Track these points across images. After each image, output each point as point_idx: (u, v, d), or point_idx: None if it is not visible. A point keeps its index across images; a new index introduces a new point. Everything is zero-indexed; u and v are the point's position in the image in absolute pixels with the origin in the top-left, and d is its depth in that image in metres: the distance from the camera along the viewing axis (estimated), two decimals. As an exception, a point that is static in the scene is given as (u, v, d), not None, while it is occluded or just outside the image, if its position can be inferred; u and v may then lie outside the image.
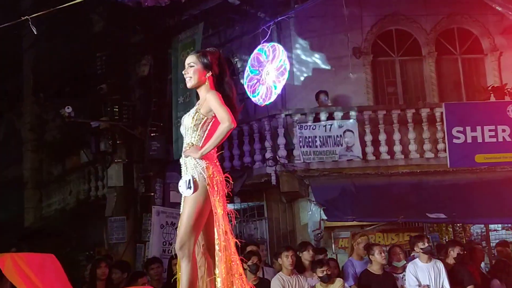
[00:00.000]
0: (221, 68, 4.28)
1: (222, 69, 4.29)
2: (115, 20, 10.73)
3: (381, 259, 7.19)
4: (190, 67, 4.24)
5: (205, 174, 4.08)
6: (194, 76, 4.22)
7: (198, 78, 4.22)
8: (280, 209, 10.82)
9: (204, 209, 4.07)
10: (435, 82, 11.73)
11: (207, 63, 4.21)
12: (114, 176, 10.60)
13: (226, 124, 4.01)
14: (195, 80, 4.23)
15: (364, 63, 11.60)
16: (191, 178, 4.05)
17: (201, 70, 4.21)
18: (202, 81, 4.23)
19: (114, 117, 10.45)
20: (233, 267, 4.10)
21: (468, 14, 11.76)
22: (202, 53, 4.26)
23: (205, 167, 4.09)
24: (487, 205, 9.50)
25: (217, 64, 4.26)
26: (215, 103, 4.07)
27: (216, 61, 4.26)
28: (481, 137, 10.09)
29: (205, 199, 4.06)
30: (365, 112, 10.57)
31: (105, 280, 7.29)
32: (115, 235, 10.45)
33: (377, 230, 10.23)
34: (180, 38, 10.26)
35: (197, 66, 4.21)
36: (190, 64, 4.23)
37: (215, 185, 4.10)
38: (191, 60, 4.24)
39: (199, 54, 4.25)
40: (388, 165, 10.39)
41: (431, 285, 7.13)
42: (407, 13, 11.73)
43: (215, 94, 4.11)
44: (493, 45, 11.74)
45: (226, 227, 4.11)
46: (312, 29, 11.52)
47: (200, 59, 4.22)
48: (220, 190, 4.12)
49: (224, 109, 4.05)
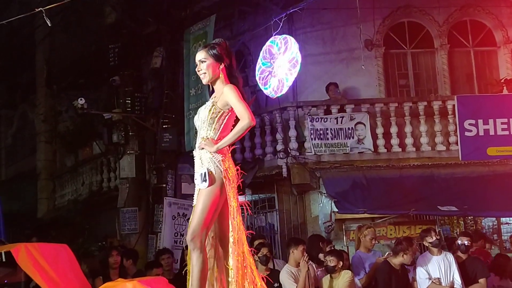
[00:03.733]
0: (229, 57, 4.28)
1: (230, 58, 4.28)
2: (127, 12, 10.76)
3: (409, 261, 7.19)
4: (202, 63, 4.23)
5: (221, 167, 4.11)
6: (208, 71, 4.22)
7: (212, 72, 4.22)
8: (291, 201, 10.84)
9: (219, 202, 4.11)
10: (447, 75, 11.67)
11: (218, 55, 4.21)
12: (127, 168, 10.66)
13: (246, 121, 4.04)
14: (210, 75, 4.23)
15: (376, 55, 11.57)
16: (206, 171, 4.07)
17: (214, 63, 4.21)
18: (216, 74, 4.23)
19: (127, 108, 10.50)
20: (246, 259, 4.14)
21: (481, 6, 11.68)
22: (210, 47, 4.26)
23: (221, 160, 4.12)
24: (499, 198, 9.45)
25: (226, 54, 4.25)
26: (233, 98, 4.08)
27: (224, 51, 4.24)
28: (493, 130, 10.05)
29: (221, 192, 4.09)
30: (376, 105, 10.55)
31: (118, 269, 7.38)
32: (127, 226, 10.53)
33: (388, 223, 10.24)
34: (192, 30, 10.26)
35: (209, 61, 4.21)
36: (201, 60, 4.22)
37: (231, 178, 4.13)
38: (202, 56, 4.24)
39: (208, 48, 4.24)
40: (399, 158, 10.38)
41: (441, 278, 7.15)
42: (420, 5, 11.67)
43: (232, 88, 4.12)
44: (506, 38, 11.65)
45: (239, 219, 4.14)
46: (324, 21, 11.50)
47: (210, 53, 4.21)
48: (234, 184, 4.16)
49: (243, 105, 4.07)
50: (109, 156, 12.97)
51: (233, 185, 4.15)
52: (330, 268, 6.85)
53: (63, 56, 15.18)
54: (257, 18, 11.18)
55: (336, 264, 6.84)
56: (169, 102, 10.23)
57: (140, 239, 10.27)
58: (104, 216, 13.11)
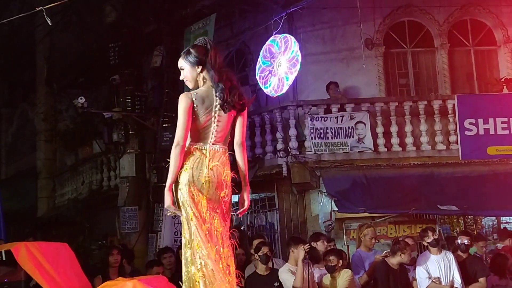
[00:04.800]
0: (211, 55, 4.10)
1: (212, 56, 4.11)
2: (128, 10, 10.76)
3: (406, 259, 7.19)
4: (182, 71, 4.17)
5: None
6: (188, 77, 4.15)
7: (191, 77, 4.14)
8: (291, 200, 10.85)
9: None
10: (448, 74, 11.67)
11: (193, 60, 4.09)
12: (127, 166, 10.67)
13: (173, 145, 4.02)
14: (191, 81, 4.16)
15: (376, 54, 11.56)
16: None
17: (191, 68, 4.12)
18: (195, 78, 4.14)
19: (127, 107, 10.50)
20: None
21: (481, 5, 11.67)
22: (186, 52, 4.15)
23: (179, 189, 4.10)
24: (499, 197, 9.46)
25: (204, 54, 4.10)
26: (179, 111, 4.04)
27: (202, 52, 4.10)
28: (494, 129, 10.05)
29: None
30: (376, 104, 10.55)
31: (117, 267, 7.38)
32: (128, 225, 10.53)
33: (388, 222, 10.24)
34: (192, 29, 10.26)
35: (186, 67, 4.13)
36: (181, 68, 4.16)
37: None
38: (180, 63, 4.16)
39: (184, 54, 4.15)
40: (399, 157, 10.37)
41: (441, 277, 7.16)
42: (420, 5, 11.66)
43: (180, 100, 4.01)
44: (507, 37, 11.64)
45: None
46: (324, 20, 11.50)
47: (185, 59, 4.12)
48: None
49: (178, 126, 4.02)
50: (109, 155, 12.98)
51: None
52: (330, 267, 6.85)
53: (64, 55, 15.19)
54: (257, 17, 11.18)
55: (336, 263, 6.84)
56: (169, 101, 10.22)
57: (140, 238, 10.28)
58: (104, 215, 13.12)
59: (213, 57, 4.11)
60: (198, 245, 3.94)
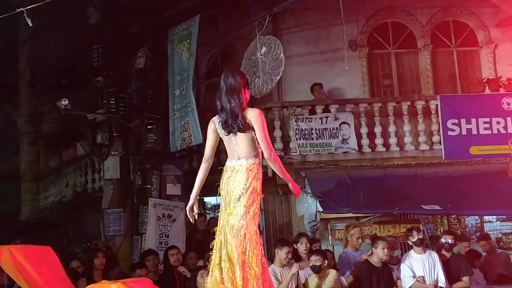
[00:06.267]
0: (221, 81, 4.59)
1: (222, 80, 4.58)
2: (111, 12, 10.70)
3: (383, 254, 7.23)
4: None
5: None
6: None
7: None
8: (276, 201, 10.87)
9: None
10: (431, 75, 11.77)
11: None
12: (111, 169, 10.60)
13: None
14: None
15: (360, 55, 11.63)
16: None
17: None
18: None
19: (111, 109, 10.43)
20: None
21: (464, 6, 11.80)
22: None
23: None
24: (481, 196, 9.53)
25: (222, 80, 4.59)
26: None
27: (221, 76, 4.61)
28: (476, 129, 10.14)
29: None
30: (361, 105, 10.60)
31: (102, 270, 7.34)
32: (112, 227, 10.47)
33: (373, 222, 10.29)
34: (176, 30, 10.23)
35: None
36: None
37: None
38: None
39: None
40: (383, 157, 10.44)
41: (425, 276, 7.20)
42: (403, 6, 11.76)
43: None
44: (488, 38, 11.77)
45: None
46: (308, 22, 11.55)
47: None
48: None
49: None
50: (93, 157, 12.90)
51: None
52: (315, 267, 6.87)
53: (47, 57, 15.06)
54: (241, 18, 11.18)
55: (322, 263, 6.86)
56: (154, 102, 10.19)
57: (125, 241, 10.21)
58: (88, 217, 13.03)
59: (221, 81, 4.54)
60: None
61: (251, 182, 4.46)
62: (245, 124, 4.40)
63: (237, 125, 4.40)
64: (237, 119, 4.38)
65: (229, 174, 4.51)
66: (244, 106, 4.45)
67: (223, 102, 4.45)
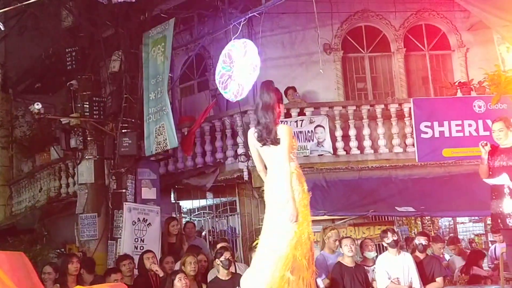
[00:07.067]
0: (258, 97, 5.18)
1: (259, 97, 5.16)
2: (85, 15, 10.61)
3: (348, 251, 7.30)
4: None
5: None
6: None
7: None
8: (252, 205, 10.88)
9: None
10: (404, 78, 11.92)
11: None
12: (85, 173, 10.49)
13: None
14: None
15: (335, 59, 11.73)
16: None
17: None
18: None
19: (85, 113, 10.33)
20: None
21: (436, 10, 11.98)
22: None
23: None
24: (454, 198, 9.66)
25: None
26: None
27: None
28: (448, 132, 10.29)
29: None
30: (335, 108, 10.67)
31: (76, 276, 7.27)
32: (87, 232, 10.36)
33: (348, 224, 10.36)
34: (151, 34, 10.18)
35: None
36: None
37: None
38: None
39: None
40: (358, 160, 10.51)
41: (400, 278, 7.27)
42: (376, 10, 11.88)
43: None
44: (460, 42, 11.97)
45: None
46: (283, 25, 11.61)
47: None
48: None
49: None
50: (67, 162, 12.77)
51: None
52: None
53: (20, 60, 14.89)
54: (216, 21, 11.19)
55: None
56: (128, 106, 10.11)
57: (100, 245, 10.12)
58: (62, 222, 12.90)
59: (258, 98, 5.09)
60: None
61: (298, 183, 5.02)
62: (277, 138, 4.89)
63: (270, 138, 4.91)
64: (271, 133, 4.89)
65: (271, 180, 5.09)
66: (277, 121, 4.97)
67: (259, 117, 4.99)
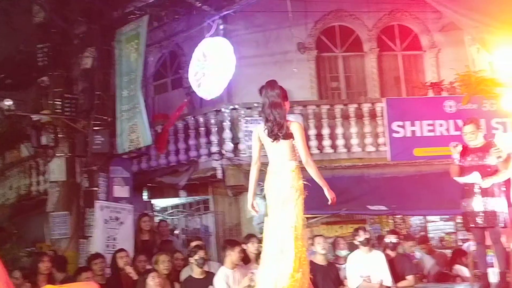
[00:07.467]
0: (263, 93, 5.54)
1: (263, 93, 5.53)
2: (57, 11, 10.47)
3: (320, 249, 7.34)
4: None
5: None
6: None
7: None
8: (226, 203, 10.88)
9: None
10: (377, 78, 12.03)
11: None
12: (56, 171, 10.36)
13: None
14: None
15: (309, 58, 11.78)
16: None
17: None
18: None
19: (56, 110, 10.20)
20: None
21: (408, 11, 12.10)
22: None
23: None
24: (425, 197, 9.79)
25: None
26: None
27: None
28: (420, 132, 10.43)
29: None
30: (309, 107, 10.73)
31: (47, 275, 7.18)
32: (58, 231, 10.24)
33: (321, 223, 10.41)
34: (124, 31, 10.10)
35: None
36: None
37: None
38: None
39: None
40: (331, 159, 10.58)
41: (371, 275, 7.34)
42: (350, 10, 11.95)
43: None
44: (432, 42, 12.12)
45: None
46: (257, 24, 11.61)
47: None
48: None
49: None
50: (38, 159, 12.59)
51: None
52: None
53: (-11, 56, 14.63)
54: (190, 19, 11.13)
55: None
56: (101, 103, 10.01)
57: (71, 244, 10.00)
58: (33, 221, 12.72)
59: (263, 97, 5.43)
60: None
61: (297, 180, 5.28)
62: (288, 133, 5.10)
63: (282, 133, 5.12)
64: (283, 128, 5.10)
65: (273, 176, 5.32)
66: (285, 116, 5.18)
67: (267, 115, 5.20)
